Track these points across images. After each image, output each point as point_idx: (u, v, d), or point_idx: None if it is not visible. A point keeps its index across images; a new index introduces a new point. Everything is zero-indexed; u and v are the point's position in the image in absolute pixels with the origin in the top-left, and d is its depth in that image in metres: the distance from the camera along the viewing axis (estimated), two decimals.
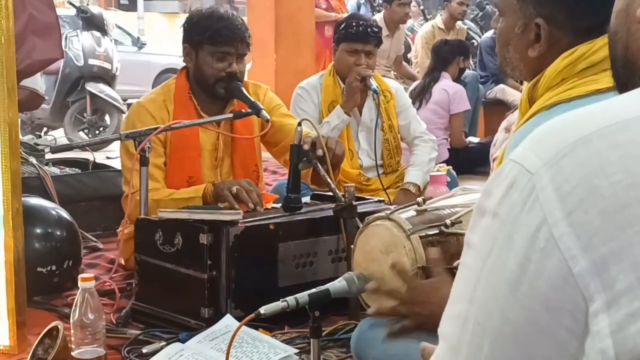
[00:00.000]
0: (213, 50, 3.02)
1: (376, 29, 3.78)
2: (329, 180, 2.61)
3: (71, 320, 2.07)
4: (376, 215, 2.10)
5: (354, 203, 2.54)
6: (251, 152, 3.19)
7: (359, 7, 9.33)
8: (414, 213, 2.09)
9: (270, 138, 3.19)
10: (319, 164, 2.62)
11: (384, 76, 4.97)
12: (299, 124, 2.59)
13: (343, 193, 2.55)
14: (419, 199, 2.17)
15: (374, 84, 3.70)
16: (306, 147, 2.59)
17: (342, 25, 3.82)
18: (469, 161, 5.65)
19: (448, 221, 2.03)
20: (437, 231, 2.02)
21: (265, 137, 3.19)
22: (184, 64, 3.18)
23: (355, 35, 3.73)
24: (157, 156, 2.95)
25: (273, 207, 2.79)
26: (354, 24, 3.76)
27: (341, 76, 3.82)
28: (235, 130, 3.11)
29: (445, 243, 2.02)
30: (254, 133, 3.16)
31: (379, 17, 6.88)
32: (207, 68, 3.03)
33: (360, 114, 3.85)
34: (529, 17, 1.54)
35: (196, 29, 3.06)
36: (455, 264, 1.92)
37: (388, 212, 2.08)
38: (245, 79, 3.22)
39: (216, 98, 3.08)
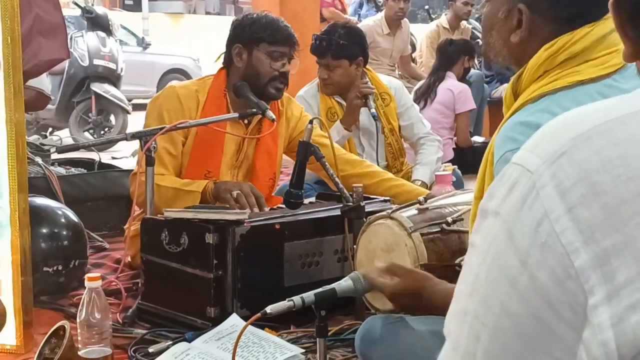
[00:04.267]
0: (270, 49, 3.05)
1: (334, 42, 3.72)
2: (336, 179, 2.62)
3: (78, 320, 2.08)
4: (378, 214, 2.11)
5: (362, 204, 2.54)
6: (271, 161, 3.20)
7: (360, 5, 9.35)
8: (416, 212, 2.10)
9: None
10: (326, 163, 2.63)
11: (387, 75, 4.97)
12: (310, 122, 2.60)
13: (351, 193, 2.55)
14: (420, 198, 2.17)
15: (373, 106, 3.69)
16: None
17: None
18: (474, 161, 5.62)
19: (449, 219, 2.03)
20: (438, 229, 2.02)
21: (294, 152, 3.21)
22: (220, 66, 3.20)
23: (313, 49, 3.78)
24: (171, 143, 2.97)
25: (279, 207, 2.80)
26: (316, 36, 3.81)
27: None
28: (261, 137, 3.12)
29: (447, 241, 2.03)
30: (278, 142, 3.18)
31: (380, 16, 6.89)
32: (262, 66, 3.05)
33: (359, 119, 3.85)
34: (512, 3, 1.56)
35: (252, 28, 3.09)
36: (457, 260, 1.93)
37: (389, 211, 2.08)
38: None
39: (263, 98, 3.07)
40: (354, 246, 2.22)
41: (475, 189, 1.59)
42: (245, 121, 3.10)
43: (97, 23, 7.74)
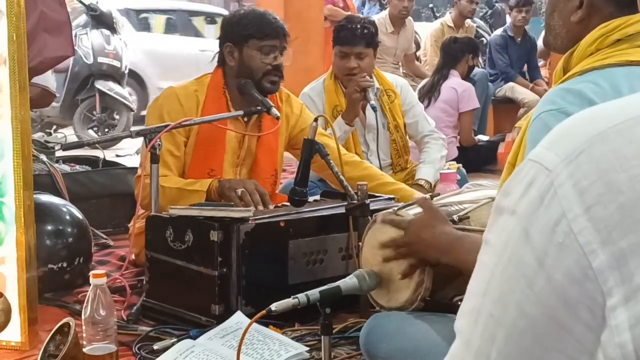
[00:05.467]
0: (259, 45, 3.04)
1: (366, 30, 3.72)
2: (341, 177, 2.62)
3: (82, 317, 2.08)
4: (384, 212, 2.10)
5: (367, 201, 2.54)
6: (273, 157, 3.20)
7: (363, 3, 9.35)
8: (422, 209, 2.09)
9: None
10: (331, 161, 2.63)
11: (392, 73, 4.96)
12: (315, 120, 2.60)
13: (356, 191, 2.55)
14: (427, 196, 2.17)
15: (372, 98, 3.66)
16: None
17: (335, 29, 3.82)
18: (478, 159, 5.65)
19: (456, 217, 2.03)
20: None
21: (298, 150, 3.22)
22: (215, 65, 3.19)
23: (344, 38, 3.71)
24: (174, 144, 2.97)
25: (283, 205, 2.80)
26: (343, 26, 3.76)
27: (339, 79, 3.80)
28: (262, 132, 3.11)
29: None
30: (279, 139, 3.17)
31: (384, 14, 6.89)
32: (254, 62, 3.05)
33: (365, 115, 3.84)
34: None
35: (240, 25, 3.09)
36: None
37: (395, 208, 2.08)
38: None
39: (260, 92, 3.08)
40: (359, 244, 2.22)
41: (510, 155, 1.62)
42: (245, 118, 3.10)
43: (102, 21, 7.74)
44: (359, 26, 3.71)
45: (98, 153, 4.31)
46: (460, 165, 4.03)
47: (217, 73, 3.15)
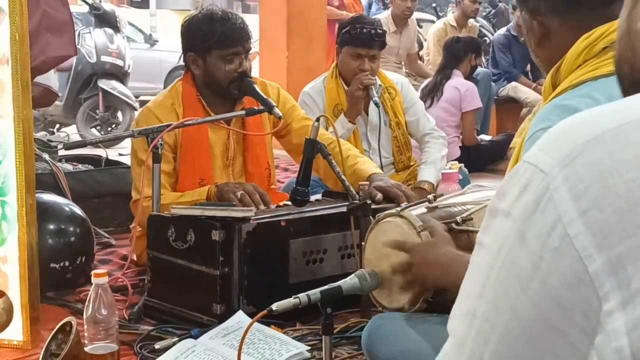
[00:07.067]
0: (222, 54, 3.00)
1: (380, 32, 3.73)
2: (342, 177, 2.61)
3: (84, 316, 2.08)
4: (387, 212, 2.10)
5: (368, 201, 2.54)
6: (263, 150, 3.19)
7: (370, 5, 9.33)
8: (425, 210, 2.09)
9: (288, 143, 3.20)
10: (333, 161, 2.63)
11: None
12: (317, 120, 2.59)
13: (357, 191, 2.55)
14: (430, 196, 2.17)
15: (375, 95, 3.65)
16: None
17: (346, 28, 3.75)
18: (481, 159, 5.64)
19: (459, 218, 2.03)
20: (447, 228, 2.02)
21: (282, 138, 3.21)
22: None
23: (359, 40, 3.67)
24: (164, 161, 2.94)
25: (285, 204, 2.80)
26: (357, 27, 3.69)
27: (345, 79, 3.78)
28: (247, 128, 3.11)
29: (456, 240, 2.02)
30: (265, 130, 3.16)
31: (387, 14, 6.89)
32: (218, 72, 3.02)
33: (367, 113, 3.83)
34: (527, 22, 1.61)
35: (199, 35, 3.04)
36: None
37: (398, 209, 2.08)
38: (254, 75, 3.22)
39: (229, 98, 3.08)
40: (362, 243, 2.22)
41: (509, 169, 1.61)
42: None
43: (105, 20, 7.75)
44: (374, 29, 3.70)
45: (101, 152, 4.31)
46: (462, 165, 4.02)
47: (188, 79, 3.12)
